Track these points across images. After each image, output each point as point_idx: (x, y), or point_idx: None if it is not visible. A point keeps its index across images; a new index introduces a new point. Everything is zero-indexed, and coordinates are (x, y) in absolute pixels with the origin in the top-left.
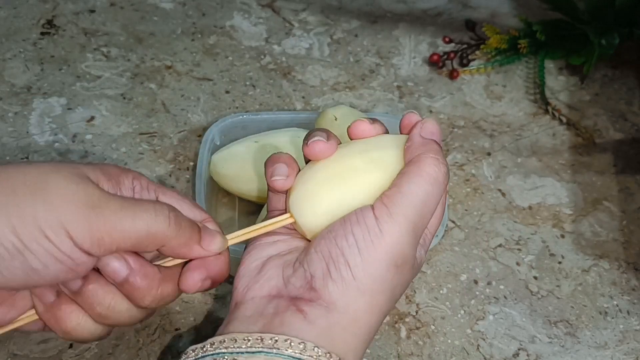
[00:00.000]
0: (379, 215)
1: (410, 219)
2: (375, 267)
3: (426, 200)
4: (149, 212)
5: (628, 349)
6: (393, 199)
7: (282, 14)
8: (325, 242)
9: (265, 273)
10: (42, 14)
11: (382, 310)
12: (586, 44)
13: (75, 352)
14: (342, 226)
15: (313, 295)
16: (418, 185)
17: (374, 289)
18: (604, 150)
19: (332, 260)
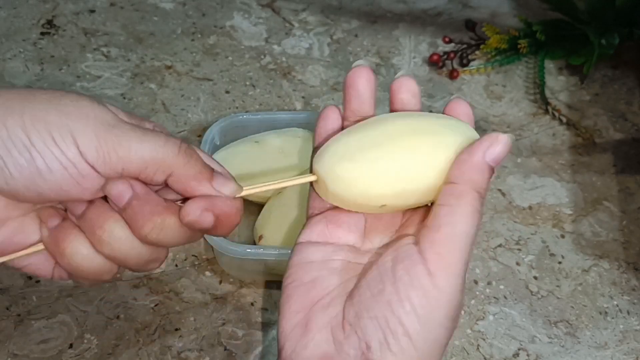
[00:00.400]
0: (433, 270)
1: (463, 263)
2: (435, 329)
3: (471, 241)
4: (159, 138)
5: (628, 349)
6: (445, 244)
7: (282, 14)
8: (379, 306)
9: (313, 336)
10: (42, 14)
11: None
12: (586, 44)
13: (75, 352)
14: (394, 287)
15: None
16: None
17: (433, 354)
18: (604, 150)
19: (390, 329)
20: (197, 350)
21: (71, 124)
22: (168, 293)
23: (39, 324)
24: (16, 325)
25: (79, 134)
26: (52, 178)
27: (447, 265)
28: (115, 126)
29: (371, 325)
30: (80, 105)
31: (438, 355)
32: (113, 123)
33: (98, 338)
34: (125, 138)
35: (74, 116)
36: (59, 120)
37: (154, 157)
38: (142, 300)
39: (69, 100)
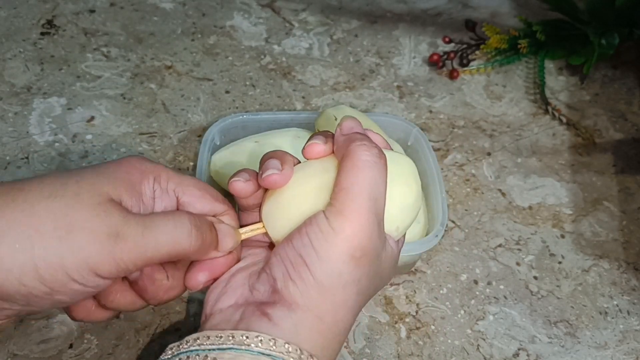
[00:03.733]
0: (329, 215)
1: (359, 209)
2: (333, 264)
3: (372, 186)
4: (172, 231)
5: (628, 349)
6: (338, 197)
7: (282, 14)
8: (284, 246)
9: (232, 284)
10: (42, 14)
11: (348, 305)
12: (586, 44)
13: (75, 352)
14: (298, 230)
15: (276, 298)
16: (357, 175)
17: (334, 285)
18: (604, 150)
19: (290, 261)
20: None
21: (87, 256)
22: None
23: (39, 324)
24: (16, 325)
25: (97, 263)
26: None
27: (340, 211)
28: (128, 233)
29: (276, 262)
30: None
31: (341, 289)
32: (124, 229)
33: (98, 338)
34: (140, 247)
35: (87, 244)
36: (75, 258)
37: (170, 254)
38: None
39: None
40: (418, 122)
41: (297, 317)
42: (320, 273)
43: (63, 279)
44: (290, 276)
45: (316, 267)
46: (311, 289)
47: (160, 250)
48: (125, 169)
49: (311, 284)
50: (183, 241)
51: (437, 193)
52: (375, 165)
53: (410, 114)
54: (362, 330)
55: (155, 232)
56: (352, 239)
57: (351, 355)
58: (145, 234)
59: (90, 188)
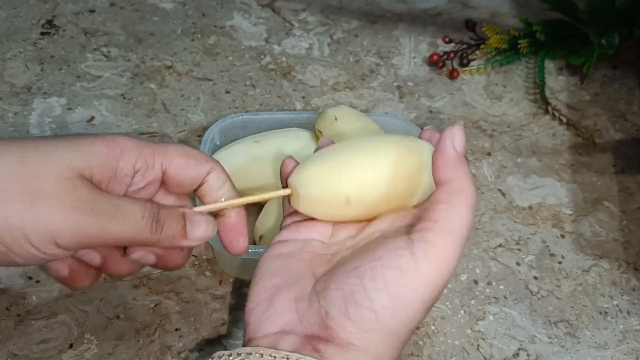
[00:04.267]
0: (419, 254)
1: (451, 259)
2: (406, 313)
3: (466, 233)
4: (137, 220)
5: (628, 349)
6: (439, 235)
7: (282, 14)
8: (349, 280)
9: (277, 307)
10: (42, 14)
11: (405, 343)
12: (586, 44)
13: (75, 352)
14: (370, 264)
15: (328, 334)
16: (465, 219)
17: (401, 331)
18: (604, 150)
19: (355, 302)
20: (197, 350)
21: (50, 226)
22: (168, 293)
23: (39, 324)
24: (16, 325)
25: (59, 233)
26: (29, 263)
27: (435, 255)
28: (95, 212)
29: (335, 296)
30: (57, 194)
31: (406, 334)
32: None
33: (98, 338)
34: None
35: (52, 214)
36: (37, 224)
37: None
38: (142, 300)
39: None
40: (418, 122)
41: (351, 356)
42: (391, 320)
43: (21, 241)
44: (350, 317)
45: (386, 313)
46: (374, 332)
47: (124, 234)
48: (105, 143)
49: (374, 327)
50: (142, 232)
51: None
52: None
53: (410, 114)
54: None
55: (122, 217)
56: (434, 285)
57: None
58: (116, 215)
59: (61, 162)
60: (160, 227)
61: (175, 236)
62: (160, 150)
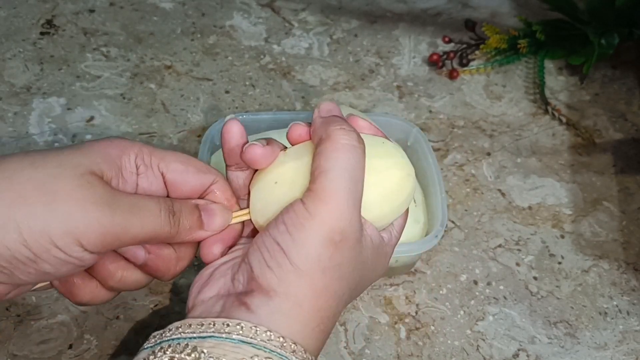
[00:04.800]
0: (306, 199)
1: (338, 191)
2: (310, 247)
3: (352, 169)
4: (155, 215)
5: (628, 350)
6: (316, 180)
7: (282, 14)
8: (261, 234)
9: (215, 275)
10: (42, 14)
11: (330, 291)
12: (586, 44)
13: (74, 352)
14: (275, 219)
15: (254, 286)
16: (336, 158)
17: (312, 270)
18: (603, 150)
19: (267, 249)
20: None
21: (72, 224)
22: (168, 293)
23: (39, 325)
24: (16, 326)
25: (83, 234)
26: (58, 272)
27: (316, 195)
28: (114, 207)
29: (253, 250)
30: (76, 193)
31: (321, 274)
32: (110, 202)
33: (98, 338)
34: (126, 223)
35: (72, 211)
36: (59, 225)
37: (152, 237)
38: (141, 300)
39: (61, 191)
40: (418, 122)
41: (275, 304)
42: (298, 258)
43: (47, 245)
44: (267, 263)
45: (293, 253)
46: (288, 274)
47: (144, 231)
48: (103, 145)
49: (288, 269)
50: (162, 226)
51: (437, 193)
52: (354, 149)
53: (410, 114)
54: (361, 331)
55: (140, 213)
56: (331, 222)
57: (351, 356)
58: (132, 212)
59: (71, 161)
60: (177, 219)
61: (192, 227)
62: (157, 153)
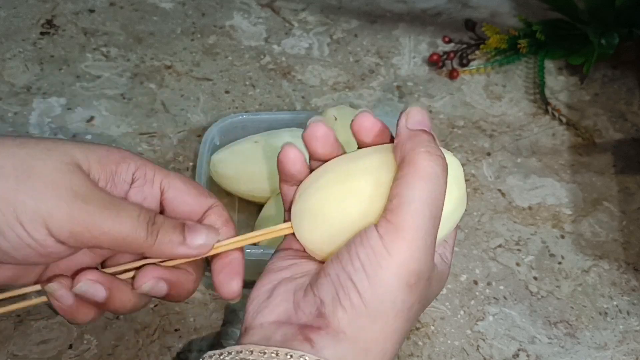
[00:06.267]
0: (383, 233)
1: (418, 229)
2: (386, 291)
3: (432, 202)
4: (131, 217)
5: (628, 350)
6: (396, 212)
7: (282, 14)
8: (333, 266)
9: (276, 297)
10: (42, 14)
11: (397, 334)
12: (586, 44)
13: (74, 352)
14: (347, 250)
15: (322, 323)
16: (418, 188)
17: (387, 314)
18: (604, 150)
19: (341, 285)
20: (197, 350)
21: (42, 205)
22: None
23: (39, 325)
24: (16, 326)
25: (51, 216)
26: (17, 254)
27: (397, 230)
28: (89, 200)
29: (326, 283)
30: (50, 179)
31: (394, 318)
32: (87, 195)
33: (98, 338)
34: (99, 217)
35: (45, 194)
36: (29, 202)
37: (125, 240)
38: None
39: (39, 173)
40: None
41: (342, 347)
42: (373, 300)
43: (10, 218)
44: (341, 302)
45: (368, 294)
46: (361, 317)
47: (117, 229)
48: (105, 149)
49: (362, 312)
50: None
51: None
52: (438, 179)
53: None
54: None
55: (116, 210)
56: (409, 264)
57: None
58: (108, 208)
59: (61, 149)
60: (156, 230)
61: (172, 241)
62: (162, 171)
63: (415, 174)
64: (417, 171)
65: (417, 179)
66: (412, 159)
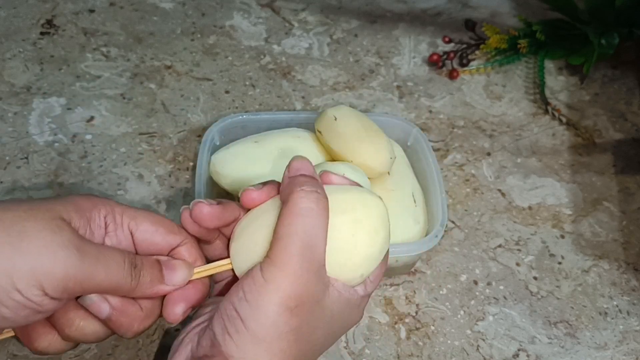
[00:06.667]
0: (263, 266)
1: (291, 258)
2: (266, 314)
3: (306, 234)
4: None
5: (628, 350)
6: (273, 247)
7: (282, 14)
8: (224, 301)
9: (184, 342)
10: (42, 13)
11: (287, 354)
12: (586, 44)
13: (74, 352)
14: (235, 285)
15: (215, 351)
16: (291, 224)
17: (269, 336)
18: (603, 150)
19: (227, 315)
20: None
21: (39, 268)
22: None
23: None
24: None
25: (47, 277)
26: (16, 318)
27: (272, 262)
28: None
29: (217, 317)
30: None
31: (277, 341)
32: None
33: None
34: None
35: (42, 254)
36: (25, 267)
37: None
38: None
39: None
40: (418, 122)
41: None
42: (254, 325)
43: (7, 286)
44: (227, 330)
45: (249, 320)
46: (246, 341)
47: (107, 279)
48: (75, 197)
49: (245, 336)
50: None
51: (437, 193)
52: (311, 212)
53: (410, 114)
54: (361, 331)
55: (106, 261)
56: (286, 288)
57: (351, 356)
58: (100, 259)
59: (41, 205)
60: (138, 272)
61: (153, 280)
62: (129, 212)
63: (289, 211)
64: (290, 209)
65: (289, 215)
66: (287, 199)
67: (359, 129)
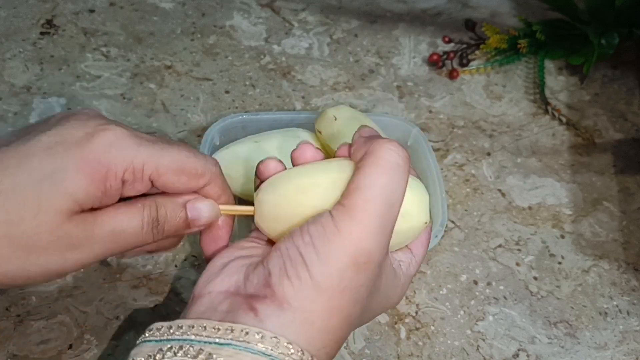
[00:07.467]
0: (336, 214)
1: (370, 211)
2: (333, 265)
3: (391, 190)
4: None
5: (628, 350)
6: (351, 196)
7: (282, 14)
8: (285, 241)
9: (229, 269)
10: (42, 13)
11: (343, 312)
12: (586, 44)
13: (74, 352)
14: (300, 228)
15: (267, 292)
16: (377, 175)
17: (331, 289)
18: (603, 150)
19: (290, 258)
20: None
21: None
22: (168, 294)
23: (39, 325)
24: (16, 326)
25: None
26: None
27: (347, 210)
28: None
29: (275, 256)
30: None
31: (339, 294)
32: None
33: (97, 339)
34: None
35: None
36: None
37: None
38: (141, 300)
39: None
40: (418, 122)
41: (286, 317)
42: (319, 274)
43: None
44: (287, 273)
45: (315, 267)
46: (306, 289)
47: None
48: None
49: (307, 284)
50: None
51: (437, 193)
52: (398, 168)
53: (410, 114)
54: (361, 331)
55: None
56: (358, 242)
57: (351, 356)
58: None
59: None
60: (162, 228)
61: (178, 229)
62: (152, 161)
63: (374, 163)
64: (376, 160)
65: (375, 167)
66: (372, 150)
67: None
